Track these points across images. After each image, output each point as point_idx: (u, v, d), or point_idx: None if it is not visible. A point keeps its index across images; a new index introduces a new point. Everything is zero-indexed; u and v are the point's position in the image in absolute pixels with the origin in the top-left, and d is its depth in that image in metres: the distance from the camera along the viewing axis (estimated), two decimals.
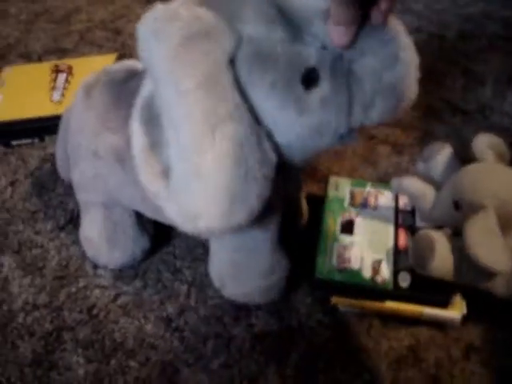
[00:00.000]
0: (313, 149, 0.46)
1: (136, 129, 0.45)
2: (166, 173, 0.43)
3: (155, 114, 0.44)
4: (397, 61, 0.42)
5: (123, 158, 0.53)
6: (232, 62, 0.41)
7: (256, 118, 0.42)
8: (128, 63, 0.59)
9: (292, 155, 0.46)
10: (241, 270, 0.56)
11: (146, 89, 0.46)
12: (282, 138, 0.44)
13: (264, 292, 0.57)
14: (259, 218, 0.44)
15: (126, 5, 1.09)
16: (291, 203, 0.62)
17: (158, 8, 0.41)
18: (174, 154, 0.42)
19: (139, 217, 0.61)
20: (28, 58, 0.98)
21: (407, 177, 0.58)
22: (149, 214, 0.59)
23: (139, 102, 0.46)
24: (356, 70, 0.43)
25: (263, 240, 0.54)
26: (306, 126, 0.43)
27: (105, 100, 0.55)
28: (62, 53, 0.99)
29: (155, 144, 0.44)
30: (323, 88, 0.42)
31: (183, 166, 0.41)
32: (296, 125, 0.43)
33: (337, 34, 0.40)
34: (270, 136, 0.43)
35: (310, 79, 0.42)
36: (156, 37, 0.40)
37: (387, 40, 0.42)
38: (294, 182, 0.55)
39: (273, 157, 0.43)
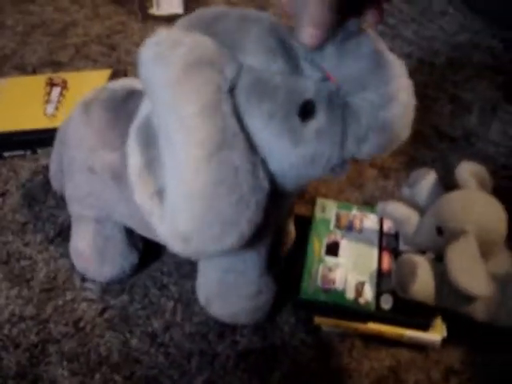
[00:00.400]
0: (305, 178, 0.47)
1: (132, 148, 0.46)
2: (160, 193, 0.44)
3: (152, 134, 0.45)
4: (395, 101, 0.43)
5: (119, 175, 0.54)
6: (232, 90, 0.42)
7: (252, 146, 0.43)
8: (128, 82, 0.60)
9: (284, 183, 0.47)
10: (228, 290, 0.57)
11: (144, 109, 0.47)
12: (276, 166, 0.45)
13: (250, 313, 0.58)
14: (249, 242, 0.45)
15: (122, 21, 1.10)
16: (281, 227, 0.64)
17: (162, 33, 0.42)
18: (169, 175, 0.43)
19: (129, 232, 0.62)
20: (23, 69, 0.99)
21: (392, 201, 0.59)
22: (140, 231, 0.60)
23: (137, 121, 0.47)
24: (353, 104, 0.43)
25: (252, 263, 0.55)
26: (300, 156, 0.44)
27: (103, 117, 0.56)
28: (57, 66, 1.00)
29: (151, 164, 0.45)
30: (319, 120, 0.43)
31: (177, 189, 0.42)
32: (291, 155, 0.44)
33: (308, 35, 0.40)
34: (264, 164, 0.44)
35: (306, 111, 0.43)
36: (158, 61, 0.41)
37: (389, 79, 0.43)
38: (285, 208, 0.56)
39: (266, 184, 0.44)
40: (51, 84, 0.85)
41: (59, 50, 1.04)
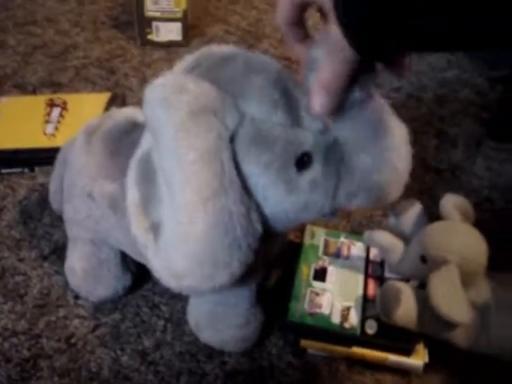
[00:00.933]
0: (297, 221, 0.50)
1: (132, 181, 0.47)
2: (155, 227, 0.45)
3: (151, 169, 0.46)
4: (390, 167, 0.45)
5: (117, 205, 0.55)
6: (232, 138, 0.44)
7: (247, 191, 0.45)
8: (131, 112, 0.62)
9: (276, 225, 0.49)
10: (218, 321, 0.59)
11: (145, 143, 0.49)
12: (269, 210, 0.46)
13: (238, 342, 0.60)
14: (240, 280, 0.46)
15: (121, 46, 1.13)
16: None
17: (168, 77, 0.44)
18: (166, 214, 0.45)
19: (124, 256, 0.63)
20: (23, 89, 1.01)
21: (378, 231, 0.62)
22: (136, 257, 0.61)
23: (137, 154, 0.49)
24: (349, 161, 0.45)
25: (243, 297, 0.58)
26: (293, 203, 0.46)
27: (105, 148, 0.58)
28: (57, 87, 1.02)
29: (148, 199, 0.46)
30: (315, 171, 0.45)
31: (173, 228, 0.44)
32: (285, 202, 0.46)
33: (318, 102, 0.42)
34: (258, 207, 0.46)
35: (303, 162, 0.45)
36: (163, 105, 0.42)
37: (387, 148, 0.45)
38: (276, 244, 0.58)
39: (259, 227, 0.45)
40: (51, 104, 0.88)
41: (59, 72, 1.06)
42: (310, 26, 0.47)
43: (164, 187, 0.45)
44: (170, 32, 1.10)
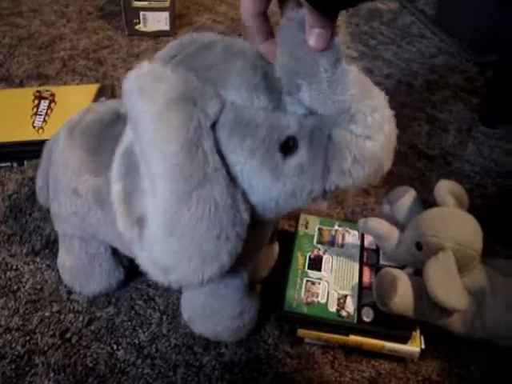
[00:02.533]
0: (286, 208, 0.48)
1: (115, 176, 0.46)
2: (141, 221, 0.44)
3: (135, 162, 0.45)
4: (381, 132, 0.43)
5: (102, 199, 0.54)
6: (213, 126, 0.43)
7: (232, 179, 0.44)
8: (114, 104, 0.60)
9: (265, 213, 0.48)
10: (211, 312, 0.58)
11: (127, 135, 0.47)
12: (256, 198, 0.45)
13: (233, 332, 0.60)
14: (230, 271, 0.46)
15: (109, 36, 1.12)
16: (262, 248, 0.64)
17: (145, 66, 0.43)
18: (150, 207, 0.43)
19: (115, 250, 0.62)
20: (10, 82, 1.00)
21: (373, 218, 0.62)
22: (125, 252, 0.60)
23: (120, 148, 0.47)
24: (338, 137, 0.43)
25: (235, 287, 0.57)
26: (281, 190, 0.45)
27: (88, 142, 0.57)
28: (44, 79, 1.00)
29: (133, 191, 0.45)
30: (300, 156, 0.44)
31: (158, 221, 0.43)
32: (271, 189, 0.45)
33: (313, 38, 0.40)
34: (244, 197, 0.45)
35: (288, 147, 0.43)
36: (141, 95, 0.41)
37: (375, 109, 0.43)
38: (266, 232, 0.57)
39: (246, 217, 0.45)
40: (39, 97, 0.86)
41: (46, 64, 1.04)
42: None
43: (146, 180, 0.44)
44: (157, 22, 1.09)
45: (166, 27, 1.10)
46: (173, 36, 1.10)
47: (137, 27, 1.09)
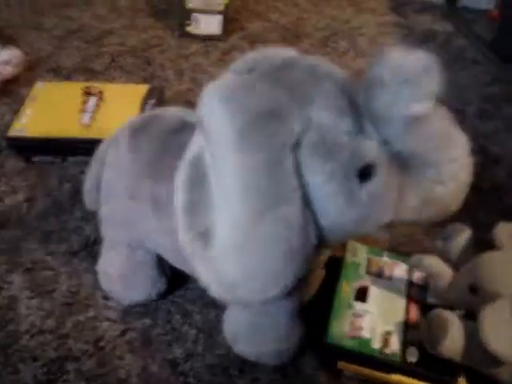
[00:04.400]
0: (351, 235, 0.48)
1: (180, 185, 0.45)
2: (205, 235, 0.43)
3: (202, 173, 0.44)
4: (455, 180, 0.43)
5: (161, 207, 0.53)
6: (296, 145, 0.42)
7: (306, 201, 0.43)
8: (179, 112, 0.59)
9: (330, 238, 0.47)
10: (257, 332, 0.56)
11: (195, 144, 0.46)
12: (326, 223, 0.44)
13: (276, 355, 0.58)
14: (289, 291, 0.45)
15: (159, 35, 1.11)
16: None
17: (232, 77, 0.42)
18: (220, 221, 0.42)
19: (160, 259, 0.61)
20: (57, 73, 0.99)
21: (428, 256, 0.59)
22: (174, 262, 0.58)
23: (187, 156, 0.46)
24: (412, 174, 0.43)
25: (285, 308, 0.55)
26: (351, 216, 0.44)
27: (152, 147, 0.55)
28: (91, 73, 1.00)
29: (198, 203, 0.44)
30: (376, 184, 0.43)
31: (228, 237, 0.42)
32: (343, 214, 0.43)
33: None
34: (314, 219, 0.44)
35: (366, 173, 0.42)
36: (226, 107, 0.40)
37: (453, 158, 0.42)
38: (322, 257, 0.57)
39: (314, 240, 0.44)
40: (88, 93, 0.85)
41: (94, 58, 1.04)
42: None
43: (218, 193, 0.43)
44: (209, 25, 1.07)
45: (218, 31, 1.08)
46: (223, 40, 1.08)
47: (188, 29, 1.08)
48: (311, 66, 0.45)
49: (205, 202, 0.44)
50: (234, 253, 0.42)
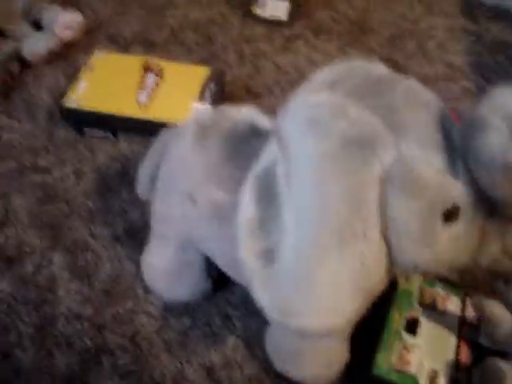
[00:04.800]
0: (421, 272, 0.46)
1: (248, 198, 0.43)
2: (268, 254, 0.41)
3: (272, 189, 0.42)
4: None
5: (222, 214, 0.49)
6: (384, 176, 0.39)
7: (384, 236, 0.40)
8: (250, 115, 0.55)
9: (396, 272, 0.45)
10: (302, 355, 0.53)
11: (267, 157, 0.44)
12: (400, 260, 0.42)
13: (320, 379, 0.55)
14: None
15: (222, 13, 1.06)
16: None
17: (324, 97, 0.39)
18: (290, 245, 0.40)
19: (208, 261, 0.58)
20: (115, 41, 0.96)
21: (490, 300, 0.56)
22: (226, 269, 0.56)
23: (258, 169, 0.44)
24: (499, 221, 0.41)
25: (338, 334, 0.51)
26: (428, 257, 0.41)
27: (219, 150, 0.51)
28: (150, 46, 0.96)
29: (265, 221, 0.42)
30: (459, 227, 0.40)
31: (296, 264, 0.40)
32: (420, 254, 0.41)
33: None
34: (388, 255, 0.41)
35: (451, 214, 0.40)
36: (315, 127, 0.38)
37: None
38: None
39: (385, 276, 0.42)
40: (147, 69, 0.82)
41: (154, 29, 1.00)
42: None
43: (290, 215, 0.40)
44: (276, 9, 1.03)
45: (284, 17, 1.03)
46: (288, 27, 1.04)
47: (253, 11, 1.03)
48: (410, 92, 0.42)
49: (272, 220, 0.41)
50: (301, 281, 0.40)
